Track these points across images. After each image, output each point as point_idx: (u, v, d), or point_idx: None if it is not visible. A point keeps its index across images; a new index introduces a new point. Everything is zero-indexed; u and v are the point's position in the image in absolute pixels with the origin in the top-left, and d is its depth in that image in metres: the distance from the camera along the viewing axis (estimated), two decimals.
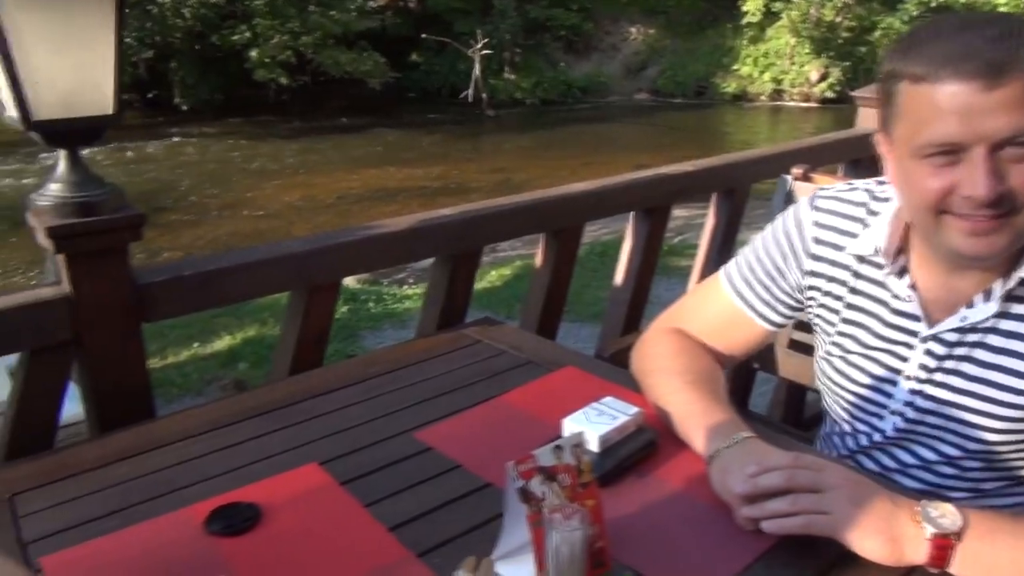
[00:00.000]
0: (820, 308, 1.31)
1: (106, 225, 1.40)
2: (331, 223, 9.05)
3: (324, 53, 17.40)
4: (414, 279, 7.11)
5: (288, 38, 16.83)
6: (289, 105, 17.66)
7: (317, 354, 1.74)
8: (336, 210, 9.72)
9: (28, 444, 1.43)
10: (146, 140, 13.36)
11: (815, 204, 1.29)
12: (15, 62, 1.25)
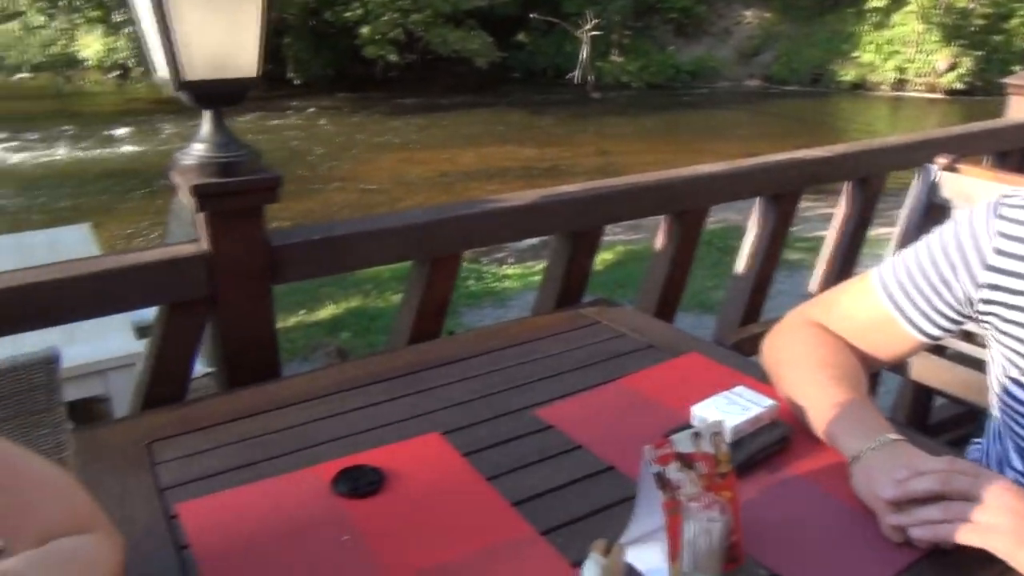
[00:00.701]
0: (1006, 323, 1.19)
1: (245, 186, 1.43)
2: (432, 199, 9.16)
3: (433, 31, 17.58)
4: (514, 258, 7.12)
5: (398, 15, 17.07)
6: (396, 82, 17.94)
7: (436, 324, 1.75)
8: (438, 187, 9.83)
9: (163, 394, 1.49)
10: (257, 113, 13.81)
11: (999, 212, 1.17)
12: (171, 24, 1.28)
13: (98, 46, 15.72)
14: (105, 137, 12.48)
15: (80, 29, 15.68)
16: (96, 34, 15.66)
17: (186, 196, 1.42)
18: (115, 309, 1.41)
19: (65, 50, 15.61)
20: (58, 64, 15.88)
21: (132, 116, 13.95)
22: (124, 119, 13.74)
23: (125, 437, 1.31)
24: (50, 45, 15.35)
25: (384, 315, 5.41)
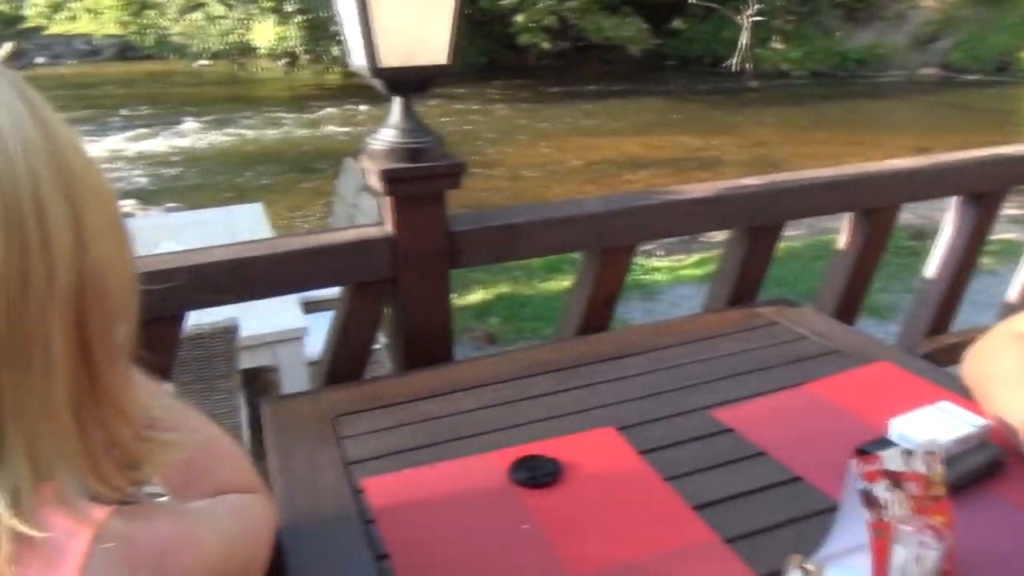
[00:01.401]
0: None
1: (430, 172, 1.46)
2: (579, 190, 9.13)
3: (587, 18, 17.48)
4: (663, 251, 6.99)
5: (553, 3, 17.08)
6: (547, 70, 17.99)
7: (605, 316, 1.73)
8: (586, 175, 9.78)
9: (344, 371, 1.55)
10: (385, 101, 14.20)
11: None
12: (370, 12, 1.32)
13: (270, 35, 16.65)
14: (272, 121, 13.23)
15: (255, 19, 16.65)
16: (268, 23, 16.58)
17: (375, 180, 1.46)
18: (309, 286, 1.47)
19: (241, 39, 16.64)
20: (234, 52, 16.94)
21: (297, 102, 14.70)
22: (290, 104, 14.51)
23: (312, 410, 1.37)
24: (228, 34, 16.40)
25: (532, 302, 5.44)
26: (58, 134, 0.55)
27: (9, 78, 0.55)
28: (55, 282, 0.52)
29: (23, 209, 0.50)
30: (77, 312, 0.54)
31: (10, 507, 0.50)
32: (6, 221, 0.49)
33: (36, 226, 0.51)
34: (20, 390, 0.51)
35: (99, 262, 0.55)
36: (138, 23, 16.70)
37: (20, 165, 0.51)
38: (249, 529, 0.76)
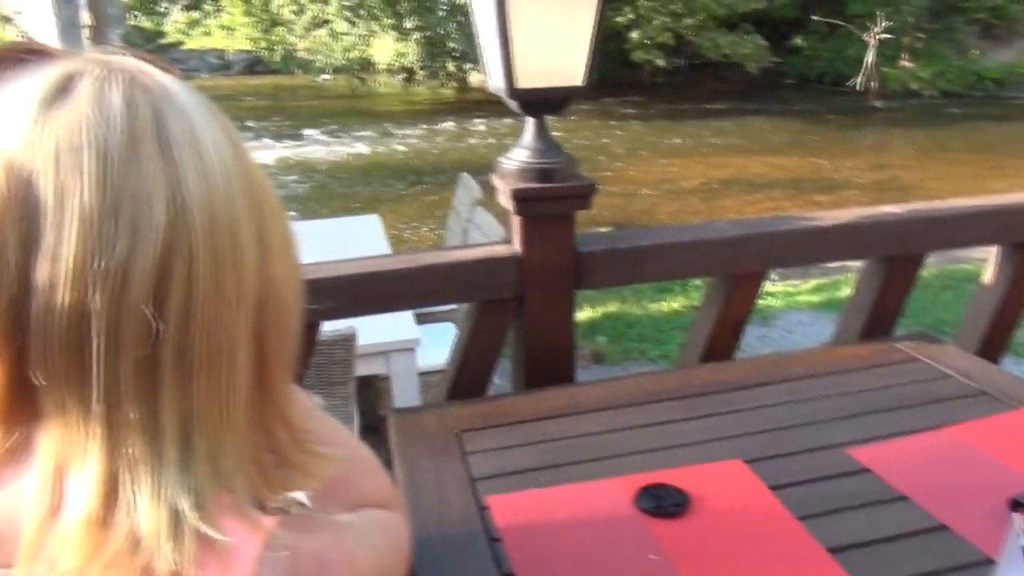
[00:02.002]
0: None
1: (561, 192, 1.46)
2: (691, 208, 8.97)
3: (704, 35, 17.23)
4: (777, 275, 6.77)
5: (670, 19, 16.93)
6: (661, 87, 17.82)
7: (731, 344, 1.68)
8: (699, 195, 9.61)
9: (468, 386, 1.57)
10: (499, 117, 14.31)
11: None
12: (510, 35, 1.34)
13: (389, 51, 17.17)
14: (388, 134, 13.61)
15: (375, 36, 17.22)
16: (388, 40, 17.10)
17: (506, 200, 1.47)
18: (439, 302, 1.50)
19: (362, 55, 17.22)
20: (354, 67, 17.54)
21: (413, 116, 15.09)
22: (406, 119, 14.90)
23: (437, 424, 1.39)
24: (350, 50, 17.01)
25: (640, 323, 5.37)
26: (248, 156, 0.58)
27: (206, 100, 0.58)
28: (243, 295, 0.54)
29: (220, 225, 0.53)
30: (257, 325, 0.56)
31: (194, 509, 0.52)
32: (205, 235, 0.52)
33: (230, 244, 0.53)
34: (208, 396, 0.53)
35: (277, 278, 0.58)
36: (267, 39, 17.55)
37: (221, 187, 0.53)
38: (394, 545, 0.78)
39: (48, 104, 0.51)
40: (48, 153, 0.49)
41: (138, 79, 0.54)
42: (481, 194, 4.13)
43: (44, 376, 0.50)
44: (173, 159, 0.51)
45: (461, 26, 15.55)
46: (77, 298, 0.49)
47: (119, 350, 0.50)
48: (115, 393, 0.51)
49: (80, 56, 0.55)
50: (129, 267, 0.49)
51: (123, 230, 0.49)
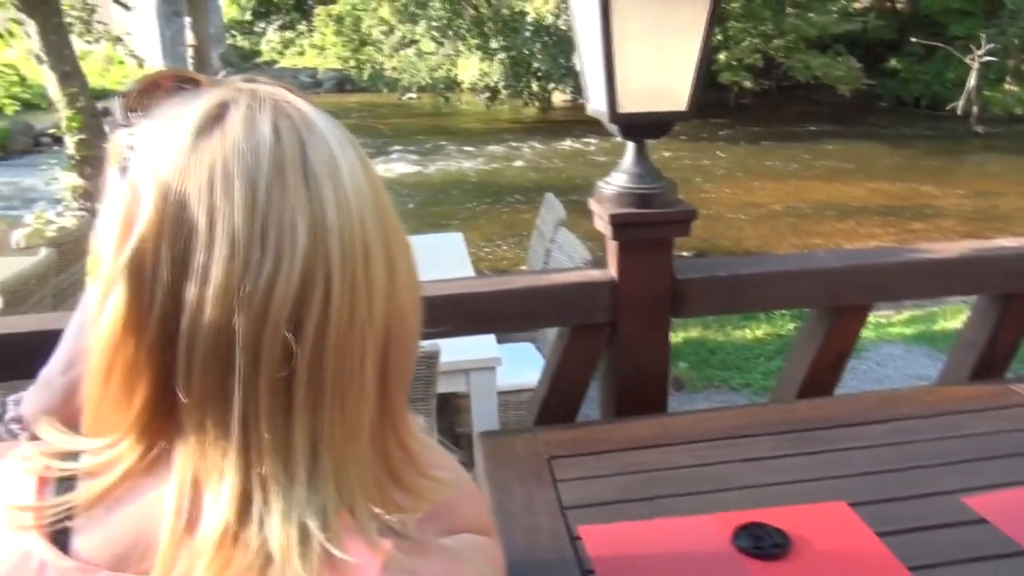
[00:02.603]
0: None
1: (660, 218, 1.44)
2: (780, 233, 8.75)
3: (795, 57, 16.85)
4: None
5: (759, 41, 16.63)
6: (749, 109, 17.50)
7: (831, 379, 1.62)
8: (785, 220, 9.37)
9: (557, 412, 1.55)
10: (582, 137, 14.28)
11: None
12: (614, 59, 1.33)
13: (473, 70, 17.38)
14: (471, 152, 13.76)
15: (461, 55, 17.47)
16: (473, 59, 17.33)
17: (603, 225, 1.46)
18: (531, 325, 1.50)
19: (447, 74, 17.49)
20: (439, 86, 17.82)
21: (495, 135, 15.21)
22: (488, 138, 15.04)
23: (526, 449, 1.37)
24: (436, 69, 17.29)
25: (723, 349, 5.25)
26: (378, 182, 0.59)
27: (341, 127, 0.59)
28: (373, 320, 0.55)
29: (355, 251, 0.54)
30: (383, 348, 0.57)
31: (321, 528, 0.52)
32: (342, 261, 0.53)
33: (363, 267, 0.54)
34: (336, 418, 0.54)
35: (403, 302, 0.58)
36: (356, 58, 18.02)
37: (356, 214, 0.54)
38: (495, 572, 0.77)
39: (202, 132, 0.53)
40: (202, 179, 0.51)
41: (283, 108, 0.55)
42: (565, 215, 4.12)
43: (186, 393, 0.52)
44: (315, 186, 0.53)
45: (546, 46, 15.63)
46: (222, 319, 0.51)
47: (258, 372, 0.52)
48: (252, 413, 0.52)
49: (229, 85, 0.57)
50: (271, 291, 0.51)
51: (268, 255, 0.51)
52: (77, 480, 0.56)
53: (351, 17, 17.27)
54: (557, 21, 14.83)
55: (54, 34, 6.23)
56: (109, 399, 0.54)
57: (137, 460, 0.55)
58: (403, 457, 0.61)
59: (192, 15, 7.37)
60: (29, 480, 0.57)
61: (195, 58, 7.60)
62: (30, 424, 0.74)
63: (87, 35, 7.69)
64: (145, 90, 0.59)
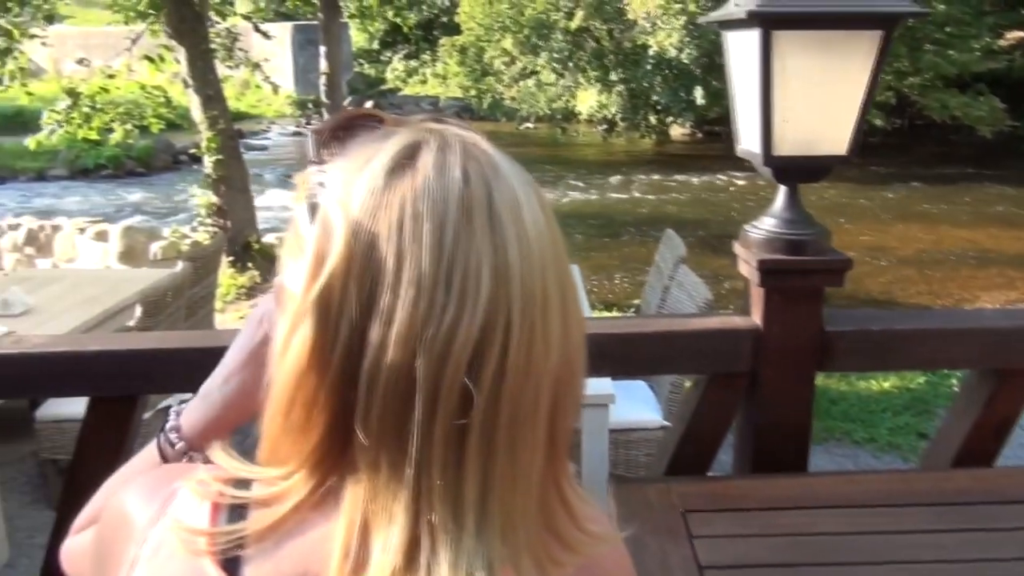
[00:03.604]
0: None
1: (811, 266, 1.37)
2: (908, 280, 8.31)
3: (930, 95, 16.09)
4: None
5: (892, 78, 15.99)
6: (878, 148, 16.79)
7: (992, 448, 1.49)
8: (916, 266, 8.90)
9: (689, 462, 1.49)
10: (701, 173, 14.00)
11: None
12: (772, 99, 1.27)
13: (591, 102, 17.45)
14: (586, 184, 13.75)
15: (580, 87, 17.58)
16: (592, 91, 17.40)
17: (749, 270, 1.40)
18: (666, 370, 1.45)
19: (566, 105, 17.62)
20: (557, 116, 17.97)
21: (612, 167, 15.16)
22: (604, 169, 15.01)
23: (659, 500, 1.32)
24: (555, 100, 17.46)
25: (847, 400, 4.99)
26: (555, 226, 0.57)
27: (523, 170, 0.58)
28: (547, 368, 0.53)
29: (535, 297, 0.53)
30: (555, 397, 0.55)
31: None
32: (522, 308, 0.52)
33: (541, 314, 0.53)
34: (507, 469, 0.53)
35: (574, 348, 0.56)
36: (477, 88, 18.41)
37: (536, 257, 0.53)
38: None
39: (394, 172, 0.53)
40: (392, 219, 0.51)
41: (471, 150, 0.55)
42: (685, 252, 4.03)
43: (365, 432, 0.51)
44: (500, 232, 0.52)
45: (666, 79, 15.53)
46: (404, 361, 0.50)
47: (434, 416, 0.51)
48: (426, 459, 0.51)
49: (418, 125, 0.57)
50: (453, 335, 0.50)
51: (452, 299, 0.51)
52: (249, 509, 0.56)
53: (475, 48, 17.70)
54: (680, 55, 14.71)
55: (200, 60, 6.64)
56: (287, 431, 0.55)
57: (308, 494, 0.55)
58: (563, 510, 0.59)
59: (327, 44, 7.71)
60: (204, 505, 0.57)
61: (327, 85, 7.93)
62: (186, 434, 0.75)
63: (229, 61, 8.14)
64: (336, 128, 0.60)
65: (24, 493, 3.34)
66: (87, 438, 1.34)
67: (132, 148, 12.36)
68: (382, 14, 12.09)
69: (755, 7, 1.23)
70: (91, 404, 1.34)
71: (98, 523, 0.66)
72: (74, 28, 16.08)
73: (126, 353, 1.33)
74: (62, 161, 13.61)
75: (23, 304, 3.51)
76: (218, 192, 6.79)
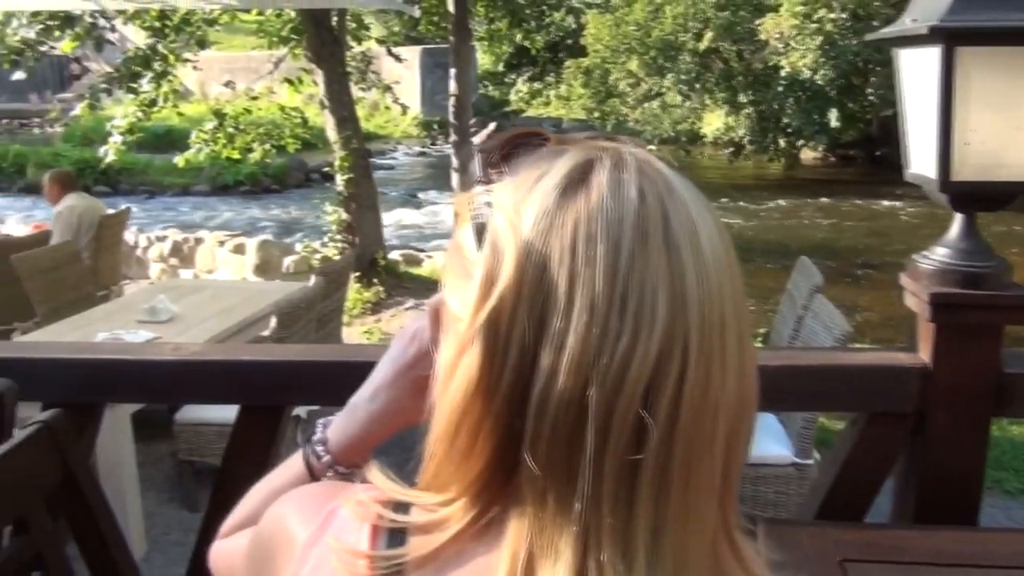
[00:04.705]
0: None
1: (991, 301, 1.25)
2: None
3: None
4: None
5: None
6: None
7: None
8: None
9: (844, 507, 1.39)
10: (865, 197, 13.38)
11: None
12: (953, 121, 1.18)
13: (718, 124, 17.14)
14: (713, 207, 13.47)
15: (707, 109, 17.30)
16: (719, 113, 17.09)
17: (918, 303, 1.30)
18: (822, 407, 1.37)
19: (691, 127, 17.37)
20: (682, 138, 17.73)
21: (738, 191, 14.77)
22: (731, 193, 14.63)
23: (813, 545, 1.23)
24: (680, 122, 17.23)
25: (998, 445, 4.58)
26: (733, 250, 0.54)
27: (699, 191, 0.55)
28: (724, 402, 0.51)
29: (713, 326, 0.50)
30: (729, 428, 0.52)
31: None
32: (699, 337, 0.49)
33: (719, 344, 0.50)
34: (680, 507, 0.50)
35: (750, 380, 0.53)
36: (601, 109, 18.38)
37: (714, 282, 0.51)
38: None
39: (567, 191, 0.51)
40: (565, 240, 0.49)
41: (645, 170, 0.53)
42: (822, 281, 3.85)
43: (533, 462, 0.49)
44: (676, 254, 0.50)
45: (798, 101, 15.04)
46: (575, 390, 0.48)
47: (606, 449, 0.48)
48: (596, 494, 0.49)
49: (589, 143, 0.55)
50: (627, 364, 0.48)
51: (626, 326, 0.48)
52: (407, 534, 0.55)
53: (600, 70, 17.72)
54: (814, 76, 14.22)
55: (336, 82, 6.92)
56: (451, 457, 0.53)
57: (469, 523, 0.53)
58: (730, 551, 0.55)
59: (457, 66, 7.89)
60: (363, 527, 0.56)
61: (455, 106, 8.10)
62: (332, 448, 0.75)
63: (362, 83, 8.47)
64: (503, 146, 0.58)
65: (162, 491, 3.52)
66: (235, 445, 1.38)
67: (268, 166, 13.03)
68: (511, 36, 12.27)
69: (938, 22, 1.14)
70: (241, 412, 1.38)
71: (255, 532, 0.66)
72: (220, 54, 17.15)
73: (275, 364, 1.37)
74: (205, 178, 14.52)
75: (168, 312, 3.71)
76: (348, 209, 7.03)
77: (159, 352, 1.40)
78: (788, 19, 14.08)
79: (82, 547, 1.21)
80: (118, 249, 5.76)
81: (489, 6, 9.92)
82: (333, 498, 0.60)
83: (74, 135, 16.40)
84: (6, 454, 1.00)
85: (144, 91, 6.99)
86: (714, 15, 15.30)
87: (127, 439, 2.91)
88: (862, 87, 14.99)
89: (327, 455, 0.76)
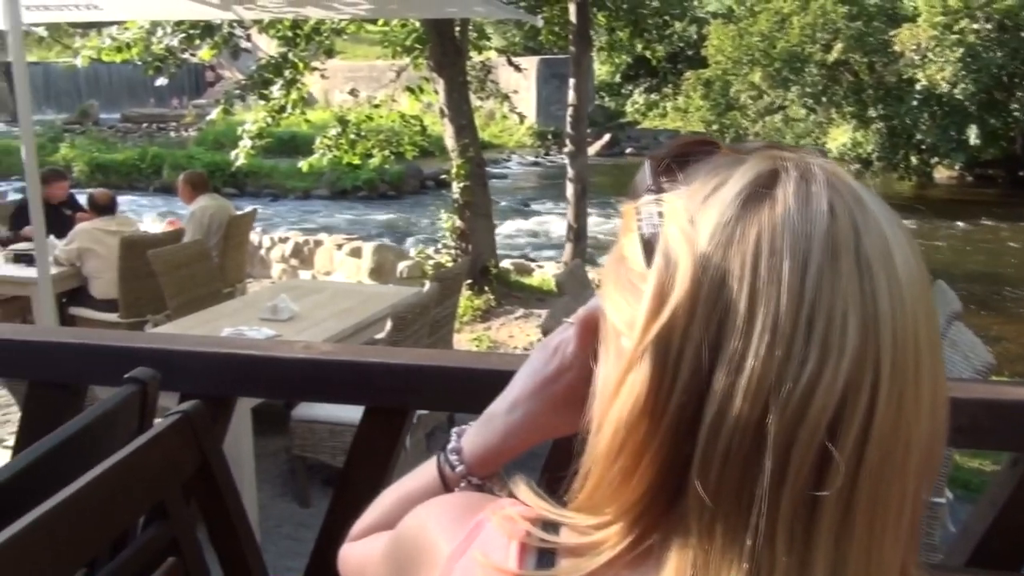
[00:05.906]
0: None
1: None
2: None
3: None
4: None
5: None
6: None
7: None
8: None
9: (1000, 555, 1.27)
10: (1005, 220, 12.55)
11: None
12: None
13: (844, 139, 16.46)
14: None
15: (833, 123, 16.67)
16: (845, 128, 16.43)
17: None
18: (972, 443, 1.26)
19: (815, 141, 16.76)
20: None
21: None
22: None
23: None
24: (803, 136, 16.65)
25: None
26: (927, 272, 0.50)
27: (891, 208, 0.50)
28: (916, 436, 0.47)
29: (907, 354, 0.46)
30: (921, 462, 0.48)
31: None
32: (892, 366, 0.46)
33: (913, 374, 0.46)
34: (863, 551, 0.46)
35: (941, 411, 0.49)
36: (720, 122, 17.99)
37: (908, 307, 0.47)
38: None
39: (749, 202, 0.48)
40: (746, 254, 0.46)
41: (834, 182, 0.49)
42: (960, 307, 3.62)
43: (703, 489, 0.46)
44: (868, 276, 0.46)
45: (934, 117, 14.27)
46: (753, 416, 0.45)
47: (783, 482, 0.45)
48: (770, 529, 0.45)
49: (771, 152, 0.51)
50: (812, 392, 0.45)
51: (812, 350, 0.45)
52: (557, 555, 0.53)
53: (720, 81, 17.39)
54: (953, 90, 13.47)
55: (456, 92, 7.03)
56: (610, 479, 0.50)
57: (625, 550, 0.50)
58: None
59: (576, 76, 7.89)
60: (511, 544, 0.54)
61: (572, 117, 8.11)
62: (467, 458, 0.73)
63: (480, 92, 8.58)
64: (674, 155, 0.54)
65: (275, 485, 3.63)
66: (360, 445, 1.39)
67: (386, 172, 13.43)
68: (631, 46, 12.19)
69: None
70: (366, 412, 1.39)
71: (392, 538, 0.65)
72: (343, 63, 17.81)
73: (401, 367, 1.37)
74: (325, 182, 15.08)
75: (289, 311, 3.83)
76: (463, 217, 7.12)
77: (290, 350, 1.43)
78: (926, 30, 13.41)
79: (212, 533, 1.24)
80: (244, 249, 6.02)
81: (611, 16, 9.87)
82: (478, 510, 0.59)
83: (206, 139, 17.39)
84: (151, 441, 1.04)
85: (274, 97, 7.31)
86: (845, 26, 14.74)
87: (247, 433, 3.01)
88: (1006, 102, 14.10)
89: (461, 465, 0.74)
